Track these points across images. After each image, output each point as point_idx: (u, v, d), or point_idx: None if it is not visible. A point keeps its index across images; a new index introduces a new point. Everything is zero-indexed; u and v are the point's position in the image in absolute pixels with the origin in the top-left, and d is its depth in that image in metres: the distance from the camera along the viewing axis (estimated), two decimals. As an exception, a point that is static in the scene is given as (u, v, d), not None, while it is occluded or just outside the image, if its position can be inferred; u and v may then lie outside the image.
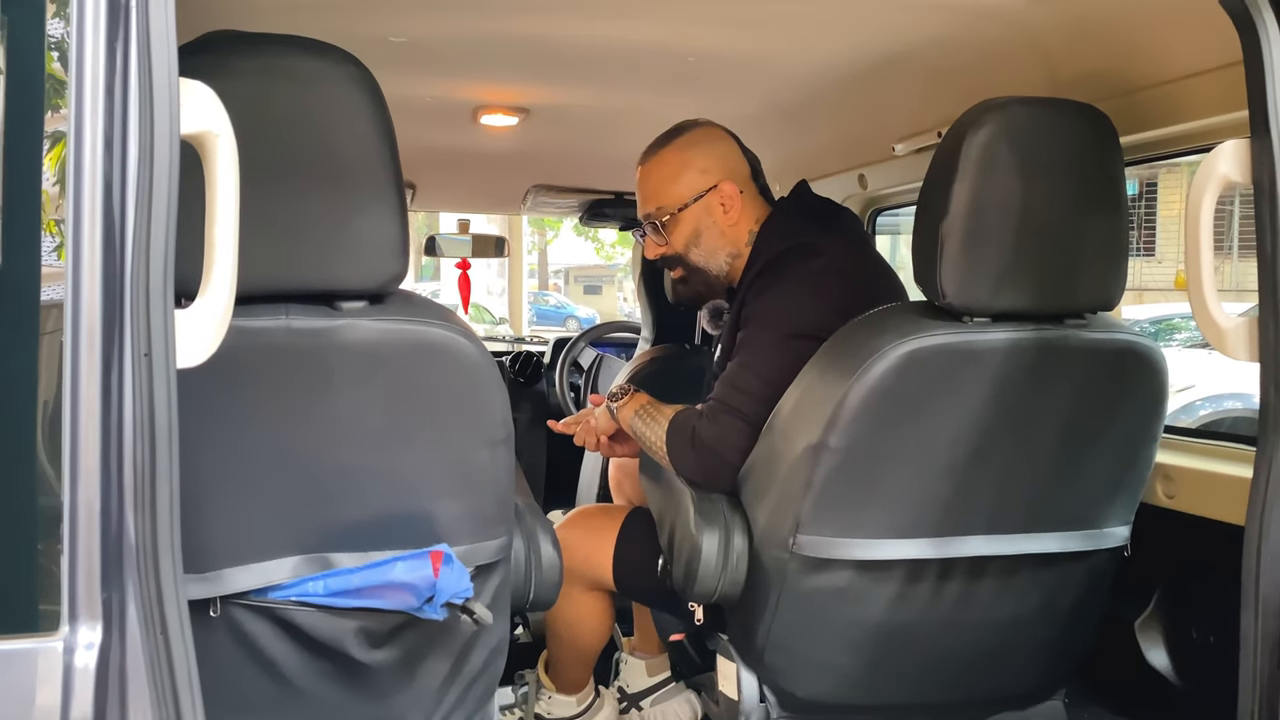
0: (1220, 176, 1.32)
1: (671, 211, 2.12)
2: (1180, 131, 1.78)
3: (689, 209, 2.11)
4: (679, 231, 2.12)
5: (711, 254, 2.12)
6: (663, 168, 2.15)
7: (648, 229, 2.18)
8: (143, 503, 0.97)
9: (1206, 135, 1.76)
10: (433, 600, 1.44)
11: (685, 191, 2.11)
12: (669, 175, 2.14)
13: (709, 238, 2.12)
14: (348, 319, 1.39)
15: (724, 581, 1.80)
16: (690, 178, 2.12)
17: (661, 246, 2.17)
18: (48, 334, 0.94)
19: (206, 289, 1.06)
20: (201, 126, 1.02)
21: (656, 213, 2.14)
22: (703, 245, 2.12)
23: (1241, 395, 6.63)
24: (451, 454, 1.50)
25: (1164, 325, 9.49)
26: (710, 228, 2.11)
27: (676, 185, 2.12)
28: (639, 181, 2.20)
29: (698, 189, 2.11)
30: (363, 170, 1.37)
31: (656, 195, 2.14)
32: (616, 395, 2.14)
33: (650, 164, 2.17)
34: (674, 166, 2.14)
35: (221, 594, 1.42)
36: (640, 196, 2.20)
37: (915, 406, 1.61)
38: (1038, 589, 1.78)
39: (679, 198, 2.12)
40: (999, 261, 1.58)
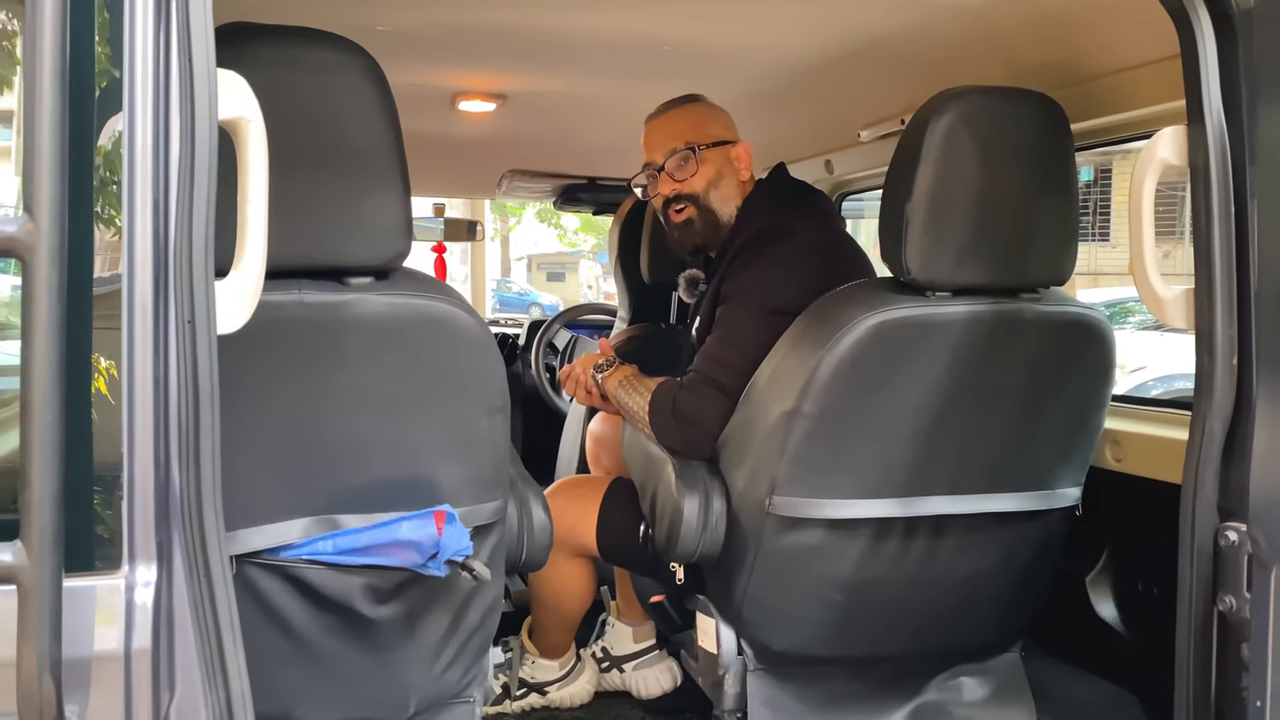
0: (1160, 160, 1.44)
1: (697, 146, 2.22)
2: (1126, 119, 1.91)
3: (717, 149, 2.24)
4: (703, 170, 2.23)
5: (725, 200, 2.23)
6: (693, 114, 2.28)
7: (671, 162, 2.24)
8: (187, 458, 1.07)
9: (1149, 123, 1.89)
10: (436, 557, 1.54)
11: (714, 133, 2.25)
12: (701, 119, 2.27)
13: (727, 184, 2.23)
14: (356, 294, 1.48)
15: (704, 542, 1.92)
16: (717, 128, 2.27)
17: (679, 183, 2.24)
18: (105, 303, 1.02)
19: (240, 262, 1.15)
20: (236, 113, 1.12)
21: (684, 148, 2.23)
22: (721, 189, 2.23)
23: (1192, 376, 6.84)
24: (453, 421, 1.59)
25: (1119, 308, 9.72)
26: (730, 175, 2.24)
27: (706, 128, 2.26)
28: (656, 129, 2.30)
29: (724, 136, 2.26)
30: (371, 155, 1.46)
31: (686, 132, 2.25)
32: (603, 366, 2.25)
33: (675, 112, 2.29)
34: (704, 114, 2.29)
35: (237, 553, 1.51)
36: (661, 139, 2.28)
37: (882, 375, 1.73)
38: (995, 546, 1.91)
39: (712, 135, 2.25)
40: (959, 240, 1.70)
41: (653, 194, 2.33)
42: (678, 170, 2.25)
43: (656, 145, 2.29)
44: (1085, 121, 1.91)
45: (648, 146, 2.32)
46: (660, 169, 2.27)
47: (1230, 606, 1.37)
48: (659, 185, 2.29)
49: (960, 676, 2.04)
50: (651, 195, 2.34)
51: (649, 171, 2.32)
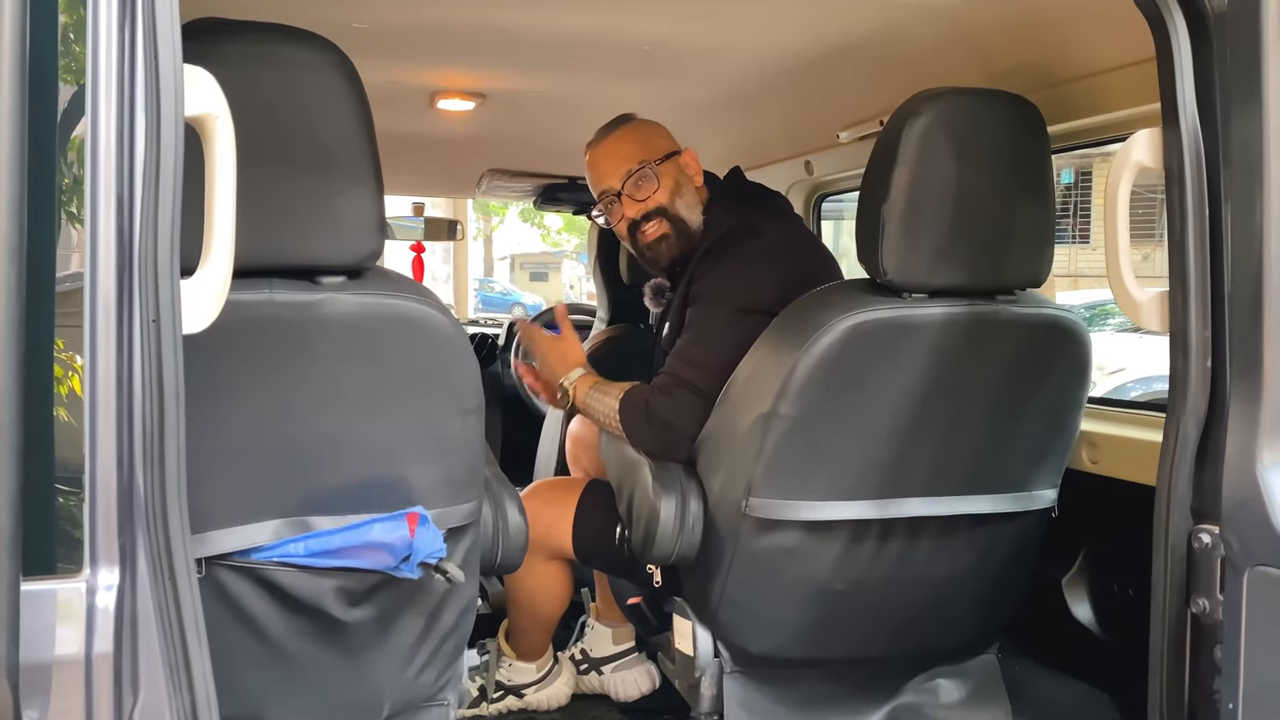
0: (1135, 163, 1.44)
1: (654, 161, 2.21)
2: (1102, 121, 1.91)
3: (669, 161, 2.23)
4: (664, 183, 2.21)
5: (691, 207, 2.22)
6: (635, 133, 2.27)
7: (630, 184, 2.22)
8: (151, 459, 1.05)
9: (1126, 125, 1.89)
10: (409, 559, 1.53)
11: (663, 147, 2.25)
12: (645, 135, 2.26)
13: (688, 191, 2.23)
14: (328, 293, 1.47)
15: (681, 544, 1.91)
16: (662, 141, 2.27)
17: (642, 201, 2.22)
18: (67, 301, 1.01)
19: (207, 260, 1.13)
20: (203, 109, 1.10)
21: (639, 167, 2.21)
22: (684, 196, 2.22)
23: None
24: (426, 422, 1.58)
25: (1099, 310, 9.77)
26: (687, 183, 2.23)
27: (654, 143, 2.25)
28: (604, 155, 2.28)
29: (672, 147, 2.26)
30: (343, 153, 1.45)
31: (635, 153, 2.23)
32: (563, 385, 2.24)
33: (619, 133, 2.28)
34: (643, 133, 2.27)
35: (205, 555, 1.49)
36: (612, 164, 2.26)
37: (859, 376, 1.73)
38: (972, 548, 1.91)
39: (661, 149, 2.24)
40: (935, 241, 1.70)
41: (615, 221, 2.29)
42: (638, 190, 2.22)
43: (609, 170, 2.26)
44: (1062, 124, 1.91)
45: (598, 175, 2.29)
46: (619, 193, 2.25)
47: (1203, 609, 1.38)
48: (622, 209, 2.26)
49: (937, 678, 2.04)
50: (614, 223, 2.30)
51: (607, 199, 2.29)
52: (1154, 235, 15.26)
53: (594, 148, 2.31)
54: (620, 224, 2.28)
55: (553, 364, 2.30)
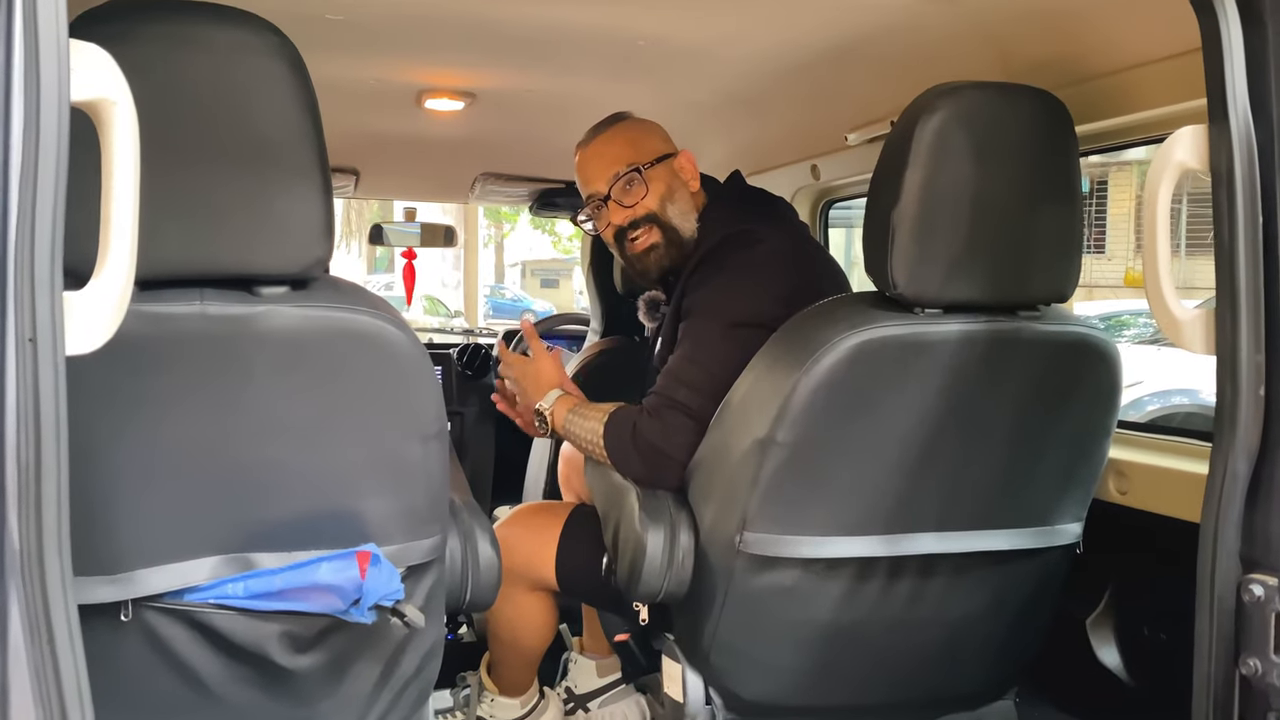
0: (1177, 164, 1.28)
1: (643, 165, 2.05)
2: (1133, 121, 1.75)
3: (661, 165, 2.07)
4: (653, 189, 2.05)
5: (684, 214, 2.06)
6: (625, 133, 2.11)
7: (617, 188, 2.06)
8: (27, 502, 0.90)
9: (1159, 125, 1.74)
10: (360, 603, 1.37)
11: (654, 149, 2.09)
12: (637, 136, 2.10)
13: (681, 197, 2.07)
14: (268, 305, 1.31)
15: (669, 580, 1.75)
16: (654, 142, 2.11)
17: (630, 208, 2.06)
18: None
19: (102, 270, 0.98)
20: (95, 94, 0.94)
21: (628, 168, 2.06)
22: (677, 202, 2.06)
23: (1189, 391, 6.70)
24: (380, 449, 1.42)
25: (1114, 321, 9.59)
26: (680, 188, 2.07)
27: (645, 144, 2.09)
28: (592, 157, 2.12)
29: (664, 150, 2.10)
30: (283, 146, 1.29)
31: (624, 155, 2.08)
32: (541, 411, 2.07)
33: (609, 133, 2.12)
34: (637, 131, 2.12)
35: (133, 597, 1.34)
36: (599, 167, 2.10)
37: (865, 400, 1.56)
38: (988, 588, 1.75)
39: (653, 151, 2.08)
40: (951, 251, 1.53)
41: (602, 227, 2.13)
42: (626, 195, 2.06)
43: (596, 174, 2.10)
44: (1089, 124, 1.74)
45: (586, 178, 2.13)
46: (606, 198, 2.08)
47: (1255, 670, 1.21)
48: (609, 215, 2.09)
49: (949, 727, 1.87)
50: (601, 229, 2.13)
51: (594, 204, 2.13)
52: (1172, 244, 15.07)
53: (582, 149, 2.16)
54: (607, 231, 2.11)
55: (526, 388, 2.13)
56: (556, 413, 2.04)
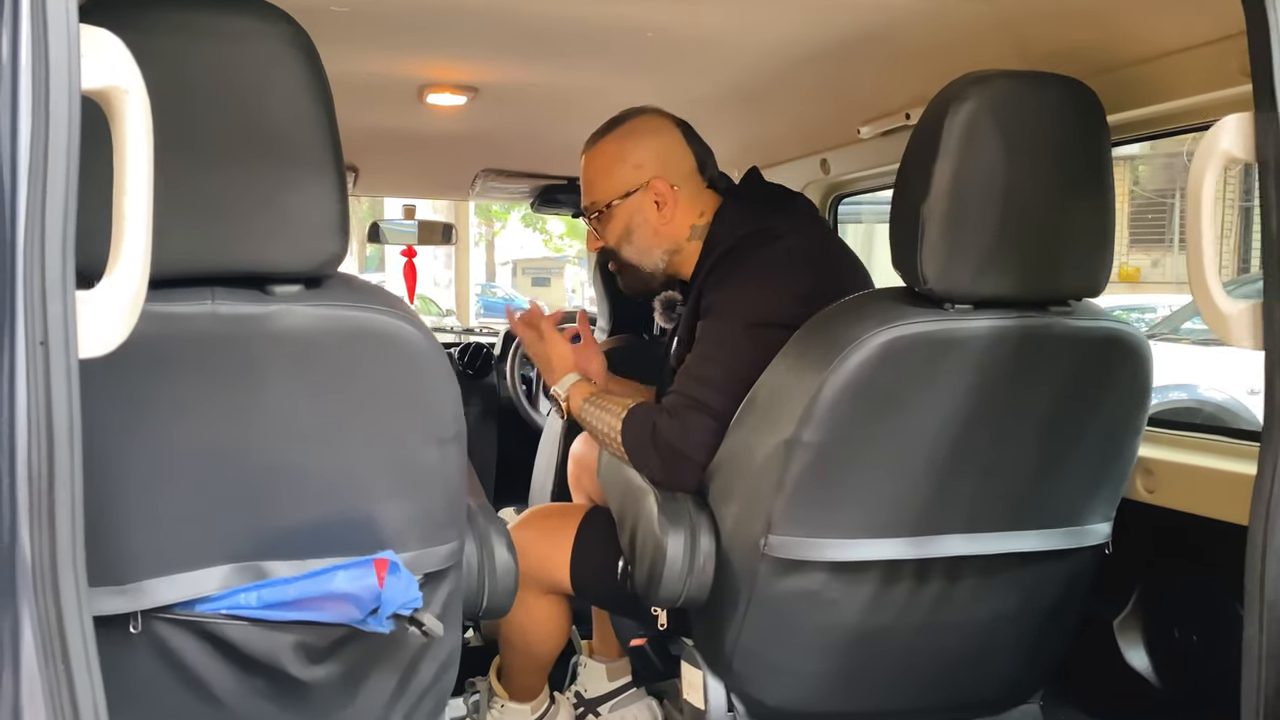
0: (1222, 153, 1.23)
1: (603, 207, 2.05)
2: (1162, 111, 1.70)
3: (621, 204, 2.03)
4: (612, 226, 2.05)
5: (644, 251, 2.05)
6: (599, 159, 2.07)
7: (590, 219, 2.12)
8: (39, 513, 0.85)
9: (1187, 115, 1.70)
10: (377, 612, 1.33)
11: (617, 186, 2.03)
12: (603, 168, 2.06)
13: (641, 235, 2.03)
14: (280, 304, 1.27)
15: (690, 585, 1.70)
16: (623, 172, 2.03)
17: (599, 240, 2.10)
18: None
19: (115, 269, 0.93)
20: (107, 81, 0.89)
21: (591, 206, 2.08)
22: (635, 242, 2.04)
23: (1186, 386, 6.69)
24: (396, 452, 1.38)
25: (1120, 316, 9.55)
26: (642, 225, 2.03)
27: (610, 179, 2.04)
28: (582, 170, 2.12)
29: (629, 185, 2.02)
30: (297, 139, 1.24)
31: (592, 188, 2.08)
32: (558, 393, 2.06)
33: (590, 154, 2.10)
34: (609, 158, 2.05)
35: (143, 608, 1.30)
36: (582, 186, 2.13)
37: (894, 399, 1.52)
38: (1017, 589, 1.71)
39: (611, 192, 2.04)
40: (982, 245, 1.49)
41: (588, 244, 2.20)
42: (595, 224, 2.10)
43: (582, 191, 2.13)
44: (1116, 114, 1.70)
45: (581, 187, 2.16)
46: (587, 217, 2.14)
47: (1307, 676, 1.17)
48: (588, 237, 2.17)
49: (974, 732, 1.83)
50: (589, 245, 2.20)
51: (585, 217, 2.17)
52: (1164, 240, 15.12)
53: (581, 154, 2.14)
54: (591, 245, 2.17)
55: (541, 368, 2.17)
56: (572, 398, 2.02)
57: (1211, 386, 6.89)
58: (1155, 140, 1.93)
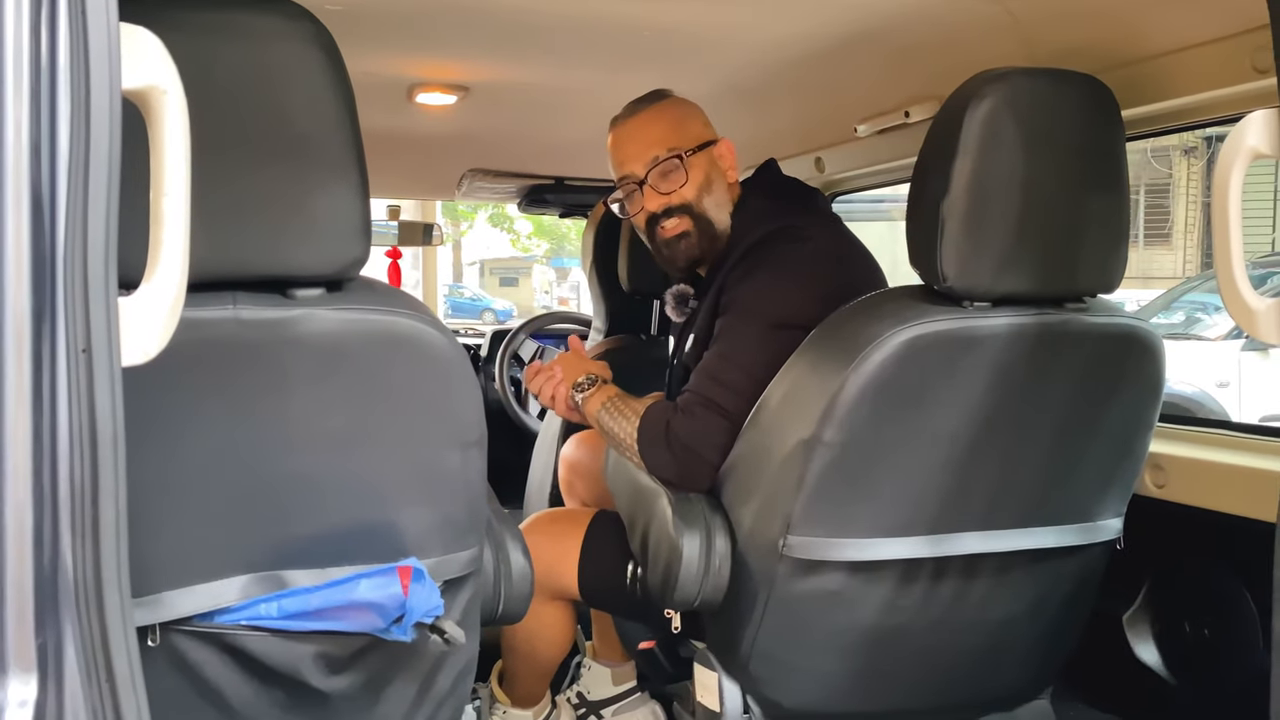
0: (1249, 149, 1.23)
1: (685, 151, 1.96)
2: (1172, 106, 1.71)
3: (702, 152, 1.98)
4: (694, 174, 1.96)
5: (721, 206, 1.98)
6: (669, 113, 2.02)
7: (655, 173, 1.97)
8: (82, 526, 0.82)
9: (1200, 110, 1.70)
10: (402, 621, 1.30)
11: (698, 135, 2.00)
12: (680, 119, 2.02)
13: (718, 188, 1.98)
14: (303, 309, 1.24)
15: (706, 587, 1.69)
16: (699, 126, 2.03)
17: (666, 195, 1.96)
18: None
19: (154, 273, 0.90)
20: (146, 81, 0.87)
21: (669, 153, 1.96)
22: (714, 193, 1.98)
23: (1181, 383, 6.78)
24: (420, 457, 1.35)
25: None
26: (719, 179, 1.99)
27: (688, 128, 2.00)
28: (629, 137, 2.02)
29: (707, 136, 2.02)
30: (320, 141, 1.22)
31: (666, 138, 1.98)
32: (583, 385, 2.00)
33: (650, 112, 2.02)
34: (679, 113, 2.03)
35: (161, 620, 1.26)
36: (637, 148, 2.00)
37: (915, 397, 1.51)
38: (1031, 586, 1.71)
39: (696, 137, 1.99)
40: (1002, 242, 1.49)
41: (634, 211, 2.03)
42: (663, 181, 1.96)
43: (633, 155, 2.00)
44: (1127, 110, 1.70)
45: (621, 157, 2.02)
46: (642, 182, 1.98)
47: (1338, 671, 1.17)
48: (643, 200, 1.99)
49: (986, 729, 1.83)
50: (633, 213, 2.03)
51: (627, 186, 2.02)
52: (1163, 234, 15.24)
53: (619, 125, 2.04)
54: (639, 215, 2.02)
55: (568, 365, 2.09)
56: (592, 398, 1.97)
57: (1182, 380, 6.98)
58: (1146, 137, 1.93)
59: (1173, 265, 14.38)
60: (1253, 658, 1.69)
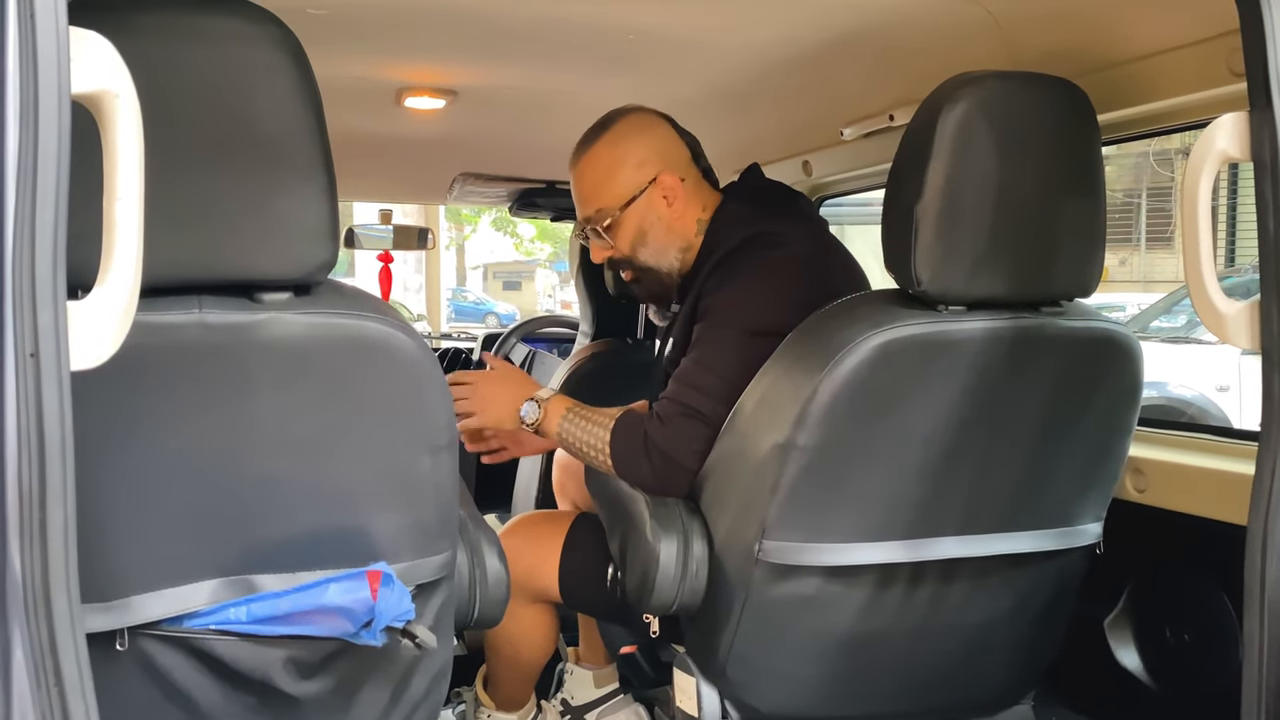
0: (1218, 153, 1.23)
1: (612, 214, 1.96)
2: (1151, 110, 1.71)
3: (630, 207, 1.95)
4: (623, 233, 1.97)
5: (660, 252, 1.97)
6: (596, 167, 1.99)
7: (589, 234, 2.02)
8: (30, 531, 0.82)
9: (1177, 114, 1.70)
10: (371, 625, 1.30)
11: (623, 190, 1.96)
12: (603, 175, 1.98)
13: (655, 235, 1.96)
14: (270, 312, 1.24)
15: (683, 592, 1.68)
16: (626, 174, 1.96)
17: (607, 250, 2.01)
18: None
19: (106, 277, 0.90)
20: (97, 85, 0.87)
21: (597, 215, 1.98)
22: (650, 243, 1.97)
23: (1156, 384, 6.75)
24: (389, 462, 1.35)
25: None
26: (655, 224, 1.96)
27: (613, 184, 1.97)
28: (574, 183, 2.04)
29: (636, 185, 1.96)
30: (285, 143, 1.22)
31: (594, 197, 1.99)
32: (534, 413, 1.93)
33: (582, 163, 2.01)
34: (607, 164, 1.98)
35: (129, 624, 1.26)
36: (577, 199, 2.03)
37: (889, 401, 1.51)
38: (1009, 591, 1.70)
39: (618, 197, 1.96)
40: (976, 246, 1.49)
41: (594, 256, 2.07)
42: (598, 239, 2.00)
43: (578, 202, 2.04)
44: (1105, 114, 1.70)
45: (574, 199, 2.06)
46: (586, 235, 2.05)
47: (1308, 675, 1.17)
48: (592, 250, 2.05)
49: (967, 734, 1.82)
50: (593, 256, 2.08)
51: (580, 230, 2.07)
52: (1131, 239, 15.26)
53: (571, 165, 2.06)
54: (597, 256, 2.07)
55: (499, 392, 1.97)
56: (551, 411, 1.91)
57: (1181, 384, 6.97)
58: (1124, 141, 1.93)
59: (1174, 269, 14.36)
60: (1234, 662, 1.68)
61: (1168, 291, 9.95)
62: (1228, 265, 11.14)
